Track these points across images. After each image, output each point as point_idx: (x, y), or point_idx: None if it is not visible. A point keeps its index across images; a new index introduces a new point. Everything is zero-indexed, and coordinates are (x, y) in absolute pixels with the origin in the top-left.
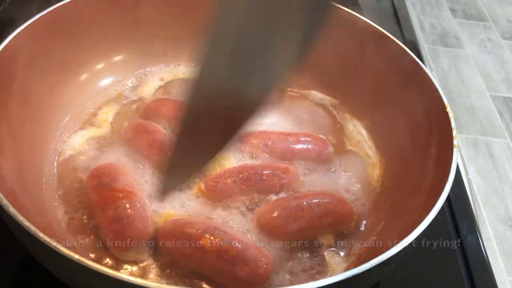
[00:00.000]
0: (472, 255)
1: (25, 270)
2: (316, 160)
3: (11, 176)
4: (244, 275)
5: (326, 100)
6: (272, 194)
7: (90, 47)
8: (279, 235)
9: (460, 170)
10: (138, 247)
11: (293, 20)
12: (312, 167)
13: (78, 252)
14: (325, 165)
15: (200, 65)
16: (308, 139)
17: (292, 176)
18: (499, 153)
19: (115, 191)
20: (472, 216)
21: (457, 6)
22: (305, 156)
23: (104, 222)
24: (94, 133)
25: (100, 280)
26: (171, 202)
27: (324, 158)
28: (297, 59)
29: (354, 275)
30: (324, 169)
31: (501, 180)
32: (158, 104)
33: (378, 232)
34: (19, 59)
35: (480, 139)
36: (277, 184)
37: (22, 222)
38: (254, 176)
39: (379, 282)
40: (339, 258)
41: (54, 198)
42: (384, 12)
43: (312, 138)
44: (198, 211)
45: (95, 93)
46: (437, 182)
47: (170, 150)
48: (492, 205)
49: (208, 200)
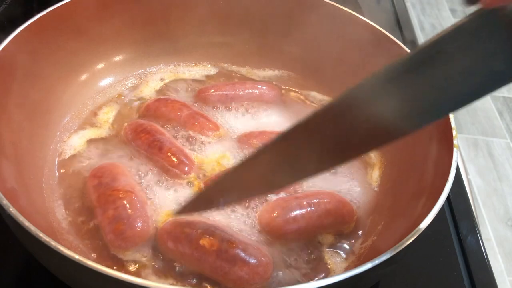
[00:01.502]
0: (472, 255)
1: (25, 270)
2: None
3: (11, 176)
4: (244, 275)
5: (326, 101)
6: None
7: (90, 47)
8: (279, 235)
9: (460, 170)
10: (138, 247)
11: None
12: None
13: (78, 252)
14: None
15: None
16: None
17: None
18: (499, 153)
19: (116, 191)
20: (472, 216)
21: (457, 6)
22: None
23: (104, 221)
24: (94, 133)
25: (100, 280)
26: (171, 202)
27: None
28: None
29: (354, 275)
30: None
31: (501, 180)
32: (158, 104)
33: (378, 232)
34: (19, 59)
35: (480, 139)
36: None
37: (22, 222)
38: None
39: (379, 282)
40: (339, 258)
41: (54, 198)
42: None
43: None
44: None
45: (95, 93)
46: (437, 182)
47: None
48: (492, 205)
49: None
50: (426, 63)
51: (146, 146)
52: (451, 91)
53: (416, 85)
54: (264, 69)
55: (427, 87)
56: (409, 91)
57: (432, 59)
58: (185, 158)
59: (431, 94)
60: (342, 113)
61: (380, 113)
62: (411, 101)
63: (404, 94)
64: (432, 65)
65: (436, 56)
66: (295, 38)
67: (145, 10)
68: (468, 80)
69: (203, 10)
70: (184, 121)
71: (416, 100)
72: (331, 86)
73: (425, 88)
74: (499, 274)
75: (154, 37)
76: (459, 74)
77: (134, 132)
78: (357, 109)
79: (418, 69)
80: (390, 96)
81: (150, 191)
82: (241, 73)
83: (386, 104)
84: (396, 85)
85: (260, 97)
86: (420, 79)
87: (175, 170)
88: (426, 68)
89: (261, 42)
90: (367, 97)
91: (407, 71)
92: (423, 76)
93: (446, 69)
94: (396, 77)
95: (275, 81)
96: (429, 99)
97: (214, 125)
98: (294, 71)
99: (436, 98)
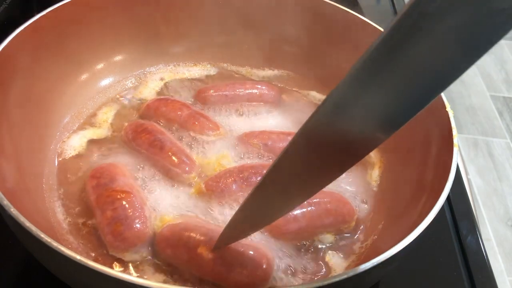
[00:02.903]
0: (472, 255)
1: (25, 270)
2: None
3: (11, 176)
4: (244, 278)
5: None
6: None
7: (90, 47)
8: (279, 234)
9: (460, 170)
10: (137, 248)
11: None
12: None
13: (78, 252)
14: None
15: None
16: None
17: None
18: (499, 153)
19: (114, 192)
20: (472, 216)
21: None
22: None
23: (103, 222)
24: (94, 133)
25: (101, 280)
26: (171, 202)
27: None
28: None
29: (354, 275)
30: None
31: (501, 180)
32: (157, 104)
33: (378, 232)
34: (19, 59)
35: (480, 139)
36: None
37: (23, 223)
38: (255, 176)
39: (379, 282)
40: (339, 258)
41: (55, 199)
42: (384, 12)
43: None
44: (198, 212)
45: (95, 93)
46: (437, 182)
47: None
48: (492, 205)
49: (208, 201)
50: (409, 35)
51: (146, 146)
52: (444, 61)
53: (402, 64)
54: (264, 69)
55: (419, 57)
56: (394, 76)
57: (414, 28)
58: (186, 157)
59: (425, 66)
60: (330, 121)
61: (371, 108)
62: (400, 86)
63: (391, 82)
64: (415, 35)
65: (416, 25)
66: (295, 38)
67: (145, 10)
68: (462, 40)
69: (203, 10)
70: (184, 121)
71: (407, 82)
72: (330, 86)
73: (419, 60)
74: (499, 274)
75: (154, 37)
76: (448, 35)
77: (135, 132)
78: (343, 112)
79: (401, 45)
80: (376, 89)
81: (150, 191)
82: (241, 73)
83: (373, 99)
84: (378, 77)
85: (260, 97)
86: (407, 54)
87: (176, 169)
88: (411, 39)
89: (261, 42)
90: (350, 98)
91: (387, 54)
92: (412, 46)
93: (433, 35)
94: (375, 69)
95: (275, 81)
96: (426, 71)
97: (214, 125)
98: (294, 71)
99: (432, 68)
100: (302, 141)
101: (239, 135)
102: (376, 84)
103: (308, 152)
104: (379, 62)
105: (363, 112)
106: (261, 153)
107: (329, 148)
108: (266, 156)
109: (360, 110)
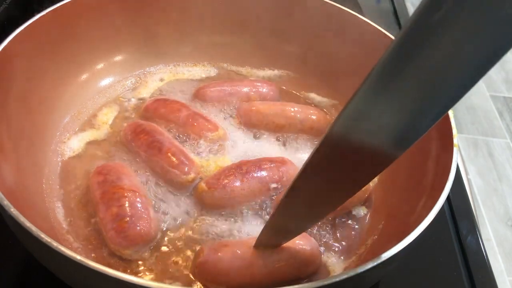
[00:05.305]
0: (472, 255)
1: (25, 270)
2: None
3: (11, 176)
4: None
5: (326, 101)
6: (273, 183)
7: (90, 47)
8: None
9: (460, 170)
10: (138, 247)
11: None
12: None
13: (78, 252)
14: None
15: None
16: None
17: (289, 166)
18: (499, 153)
19: (121, 189)
20: (472, 216)
21: None
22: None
23: (106, 218)
24: (93, 134)
25: (101, 280)
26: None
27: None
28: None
29: (354, 275)
30: None
31: (501, 180)
32: (156, 105)
33: (378, 231)
34: (19, 59)
35: (480, 139)
36: (275, 175)
37: (23, 223)
38: (253, 169)
39: (379, 282)
40: (339, 258)
41: (55, 199)
42: (384, 12)
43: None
44: (198, 212)
45: (95, 93)
46: (437, 182)
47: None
48: (492, 205)
49: (209, 200)
50: (419, 41)
51: (145, 147)
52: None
53: (416, 74)
54: (264, 69)
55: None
56: (406, 89)
57: (426, 33)
58: (185, 158)
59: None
60: (343, 140)
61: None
62: (416, 97)
63: (405, 93)
64: (426, 41)
65: (429, 30)
66: (295, 38)
67: (145, 10)
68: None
69: (202, 10)
70: (183, 121)
71: (422, 93)
72: (330, 86)
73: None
74: (499, 274)
75: (153, 37)
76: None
77: (134, 132)
78: (357, 129)
79: (412, 52)
80: (389, 101)
81: (150, 191)
82: (241, 73)
83: (385, 113)
84: (391, 88)
85: (259, 95)
86: (420, 62)
87: (175, 170)
88: (421, 46)
89: (261, 42)
90: (363, 114)
91: (400, 61)
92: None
93: (441, 45)
94: (389, 80)
95: (275, 81)
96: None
97: (213, 125)
98: (294, 71)
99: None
100: (325, 150)
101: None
102: (387, 98)
103: (328, 164)
104: (389, 75)
105: (375, 126)
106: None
107: (347, 161)
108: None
109: (373, 124)
